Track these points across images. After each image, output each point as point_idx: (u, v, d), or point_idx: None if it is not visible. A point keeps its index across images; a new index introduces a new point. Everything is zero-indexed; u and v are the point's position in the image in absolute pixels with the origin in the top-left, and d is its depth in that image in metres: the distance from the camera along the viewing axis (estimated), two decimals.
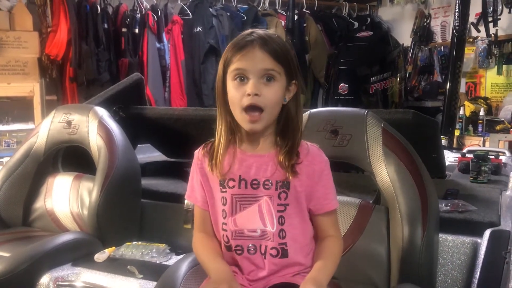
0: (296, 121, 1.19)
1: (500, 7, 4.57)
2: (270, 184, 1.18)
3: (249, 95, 1.12)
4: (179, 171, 2.45)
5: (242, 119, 1.14)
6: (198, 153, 1.26)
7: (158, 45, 4.66)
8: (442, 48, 5.41)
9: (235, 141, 1.21)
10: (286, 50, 1.16)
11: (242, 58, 1.13)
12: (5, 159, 2.99)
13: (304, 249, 1.21)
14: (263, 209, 1.18)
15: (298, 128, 1.19)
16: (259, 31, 1.16)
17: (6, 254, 1.76)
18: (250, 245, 1.19)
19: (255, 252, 1.19)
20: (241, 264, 1.20)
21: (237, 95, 1.13)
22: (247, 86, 1.12)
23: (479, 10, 4.51)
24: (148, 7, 4.67)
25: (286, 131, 1.18)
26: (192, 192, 1.27)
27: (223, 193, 1.20)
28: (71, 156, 2.28)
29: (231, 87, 1.15)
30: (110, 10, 4.58)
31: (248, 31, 1.17)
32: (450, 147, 3.66)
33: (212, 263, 1.19)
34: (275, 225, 1.17)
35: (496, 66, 4.85)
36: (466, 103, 4.68)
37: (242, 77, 1.13)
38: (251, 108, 1.12)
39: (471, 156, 2.40)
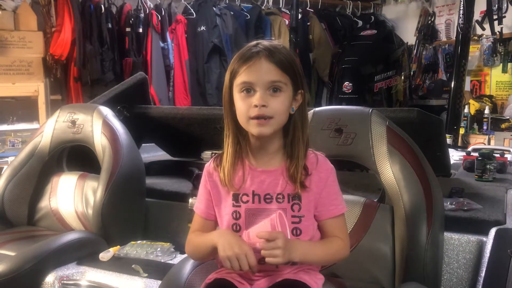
0: (303, 131, 1.19)
1: (505, 5, 4.54)
2: (282, 198, 1.19)
3: (256, 106, 1.12)
4: (183, 170, 2.46)
5: (250, 125, 1.15)
6: (209, 166, 1.26)
7: (162, 44, 4.66)
8: (446, 46, 5.39)
9: (243, 156, 1.21)
10: (292, 60, 1.17)
11: (248, 70, 1.13)
12: (10, 159, 3.00)
13: None
14: (275, 223, 1.17)
15: (305, 138, 1.19)
16: (265, 42, 1.17)
17: (12, 253, 1.77)
18: (262, 260, 1.18)
19: (264, 262, 1.19)
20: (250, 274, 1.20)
21: (244, 106, 1.14)
22: (254, 97, 1.13)
23: (484, 8, 4.48)
24: (152, 6, 4.67)
25: (293, 142, 1.18)
26: (198, 203, 1.28)
27: (236, 207, 1.21)
28: (76, 156, 2.29)
29: (238, 99, 1.16)
30: (114, 9, 4.58)
31: (254, 42, 1.18)
32: (455, 146, 3.65)
33: (211, 234, 1.19)
34: (289, 236, 1.17)
35: (501, 64, 4.83)
36: (471, 101, 4.66)
37: (248, 89, 1.14)
38: (258, 119, 1.13)
39: (476, 154, 2.39)
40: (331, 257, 1.21)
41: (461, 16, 3.90)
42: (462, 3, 3.90)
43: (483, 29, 4.69)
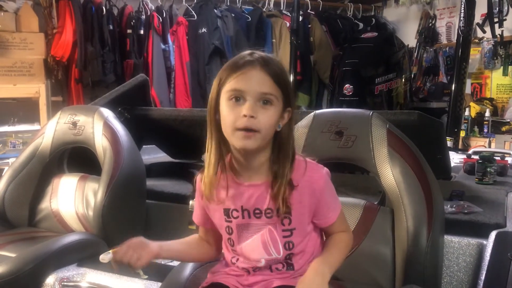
0: (287, 148, 1.13)
1: (506, 8, 4.54)
2: (271, 212, 1.15)
3: (245, 116, 1.06)
4: (184, 172, 2.47)
5: (235, 136, 1.08)
6: (198, 178, 1.23)
7: (163, 46, 4.67)
8: (447, 49, 5.39)
9: (227, 168, 1.16)
10: (286, 75, 1.12)
11: (240, 78, 1.07)
12: (11, 160, 3.00)
13: (311, 257, 1.21)
14: (265, 238, 1.17)
15: (289, 156, 1.13)
16: (260, 52, 1.11)
17: (12, 255, 1.77)
18: (256, 268, 1.20)
19: (260, 270, 1.20)
20: (247, 277, 1.21)
21: (231, 116, 1.07)
22: (243, 107, 1.06)
23: (485, 10, 4.49)
24: (153, 8, 4.68)
25: (278, 160, 1.13)
26: (195, 212, 1.29)
27: (228, 223, 1.19)
28: (77, 157, 2.29)
29: (225, 107, 1.09)
30: (115, 11, 4.59)
31: (248, 51, 1.12)
32: (455, 148, 3.65)
33: None
34: (281, 251, 1.17)
35: (501, 67, 4.83)
36: (472, 104, 4.66)
37: (238, 98, 1.08)
38: (245, 130, 1.07)
39: (476, 157, 2.39)
40: (345, 252, 1.22)
41: (462, 18, 3.90)
42: (463, 6, 3.90)
43: (484, 32, 4.69)
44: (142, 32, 4.57)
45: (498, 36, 4.60)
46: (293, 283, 1.16)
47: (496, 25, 4.52)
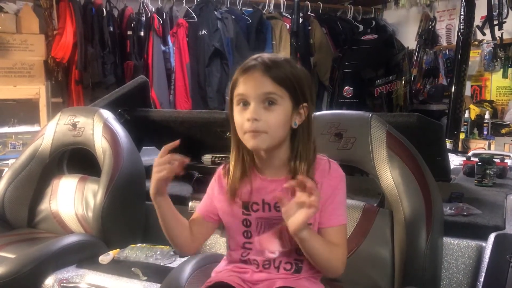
0: (306, 145, 1.15)
1: (506, 10, 4.55)
2: None
3: (249, 120, 1.10)
4: (184, 174, 2.46)
5: (245, 138, 1.13)
6: (220, 171, 1.26)
7: (163, 48, 4.67)
8: (447, 51, 5.39)
9: (252, 166, 1.20)
10: (291, 73, 1.13)
11: (244, 82, 1.12)
12: (11, 161, 3.01)
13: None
14: (284, 231, 1.16)
15: (309, 153, 1.15)
16: (265, 55, 1.14)
17: (11, 256, 1.77)
18: (266, 262, 1.20)
19: (269, 267, 1.21)
20: (252, 274, 1.22)
21: (240, 120, 1.13)
22: (248, 111, 1.11)
23: (485, 13, 4.49)
24: (153, 10, 4.68)
25: (296, 158, 1.15)
26: (201, 203, 1.30)
27: (246, 216, 1.21)
28: (76, 158, 2.29)
29: (235, 112, 1.14)
30: (115, 13, 4.59)
31: (256, 55, 1.15)
32: (455, 151, 3.65)
33: None
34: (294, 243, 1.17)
35: (501, 69, 4.83)
36: (471, 106, 4.67)
37: (244, 102, 1.12)
38: (251, 132, 1.11)
39: (476, 159, 2.39)
40: (328, 256, 1.14)
41: (461, 21, 3.91)
42: (462, 8, 3.91)
43: (484, 34, 4.69)
44: (142, 33, 4.58)
45: (498, 38, 4.60)
46: (295, 285, 1.17)
47: (496, 28, 4.53)
